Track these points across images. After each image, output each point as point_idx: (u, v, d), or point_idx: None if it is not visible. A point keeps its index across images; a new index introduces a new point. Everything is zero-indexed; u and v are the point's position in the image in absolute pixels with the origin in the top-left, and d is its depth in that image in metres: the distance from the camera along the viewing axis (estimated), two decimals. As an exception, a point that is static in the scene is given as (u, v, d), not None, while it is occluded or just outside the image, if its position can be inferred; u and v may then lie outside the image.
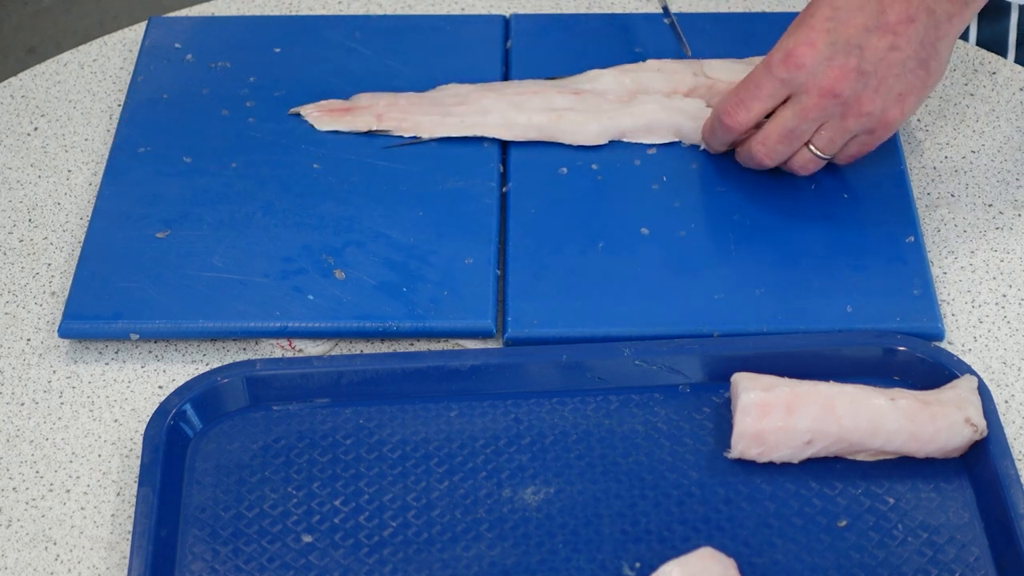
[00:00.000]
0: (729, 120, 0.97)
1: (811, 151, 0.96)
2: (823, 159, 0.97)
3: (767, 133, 0.96)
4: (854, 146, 0.96)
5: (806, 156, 0.97)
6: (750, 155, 0.98)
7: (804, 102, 0.93)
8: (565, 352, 0.91)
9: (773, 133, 0.95)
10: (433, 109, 1.06)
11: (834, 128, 0.94)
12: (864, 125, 0.94)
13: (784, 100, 0.94)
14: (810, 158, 0.97)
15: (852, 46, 0.91)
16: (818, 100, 0.93)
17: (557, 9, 1.18)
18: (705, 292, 0.95)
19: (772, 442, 0.86)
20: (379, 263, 0.97)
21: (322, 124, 1.06)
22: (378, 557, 0.84)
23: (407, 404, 0.91)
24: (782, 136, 0.95)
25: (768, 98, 0.94)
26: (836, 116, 0.94)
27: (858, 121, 0.94)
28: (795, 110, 0.94)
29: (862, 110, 0.93)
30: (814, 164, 0.97)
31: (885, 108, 0.93)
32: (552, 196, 1.02)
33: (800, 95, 0.93)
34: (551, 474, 0.87)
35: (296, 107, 1.08)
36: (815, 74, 0.92)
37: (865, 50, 0.91)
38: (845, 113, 0.93)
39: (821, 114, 0.93)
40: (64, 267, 1.01)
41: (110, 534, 0.87)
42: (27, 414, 0.93)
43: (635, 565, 0.83)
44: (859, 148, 0.97)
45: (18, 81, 1.15)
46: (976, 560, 0.83)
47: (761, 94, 0.94)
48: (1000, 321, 0.95)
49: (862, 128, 0.94)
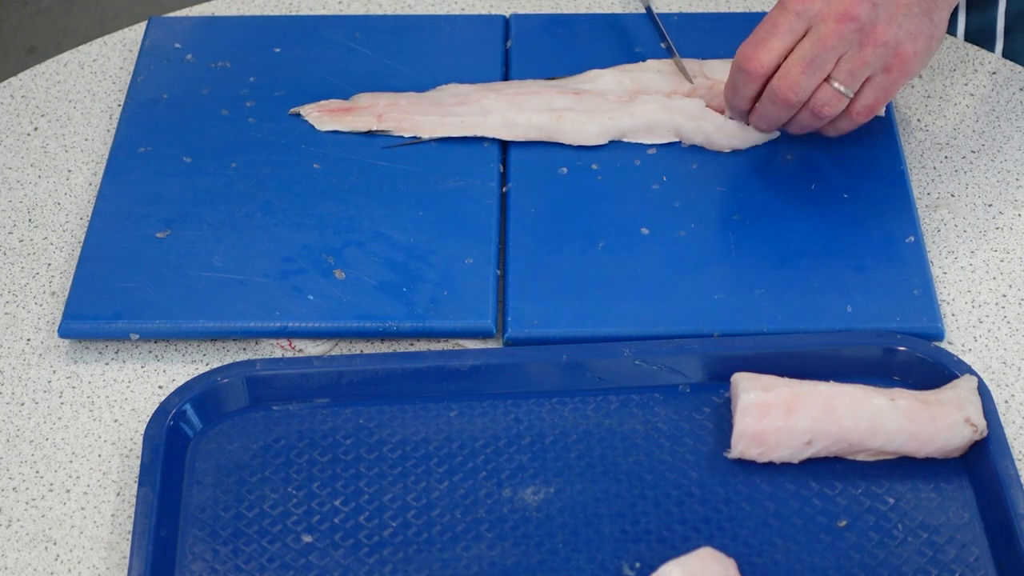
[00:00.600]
0: (751, 64, 0.96)
1: (833, 87, 0.95)
2: (845, 95, 0.95)
3: (788, 66, 0.95)
4: (871, 91, 0.96)
5: (828, 92, 0.95)
6: (773, 95, 0.96)
7: (822, 30, 0.93)
8: (565, 352, 0.91)
9: (795, 65, 0.94)
10: (433, 109, 1.06)
11: (853, 59, 0.94)
12: (881, 58, 0.94)
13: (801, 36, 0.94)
14: (832, 93, 0.95)
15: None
16: (835, 26, 0.93)
17: (557, 9, 1.18)
18: (705, 292, 0.95)
19: (772, 442, 0.86)
20: (379, 263, 0.97)
21: (322, 124, 1.06)
22: (378, 557, 0.84)
23: (407, 404, 0.91)
24: (804, 66, 0.94)
25: (786, 34, 0.94)
26: (854, 45, 0.94)
27: (875, 52, 0.94)
28: (813, 40, 0.93)
29: (878, 39, 0.93)
30: (836, 100, 0.96)
31: (899, 40, 0.93)
32: (552, 196, 1.02)
33: (817, 25, 0.93)
34: (551, 474, 0.87)
35: (296, 107, 1.08)
36: (829, 1, 0.92)
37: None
38: (863, 41, 0.93)
39: (839, 41, 0.93)
40: (64, 267, 1.01)
41: (110, 534, 0.87)
42: (27, 414, 0.93)
43: (635, 565, 0.83)
44: (876, 93, 0.96)
45: (18, 81, 1.15)
46: (976, 560, 0.83)
47: (779, 31, 0.94)
48: (1000, 321, 0.95)
49: (879, 61, 0.94)
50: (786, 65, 0.95)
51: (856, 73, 0.95)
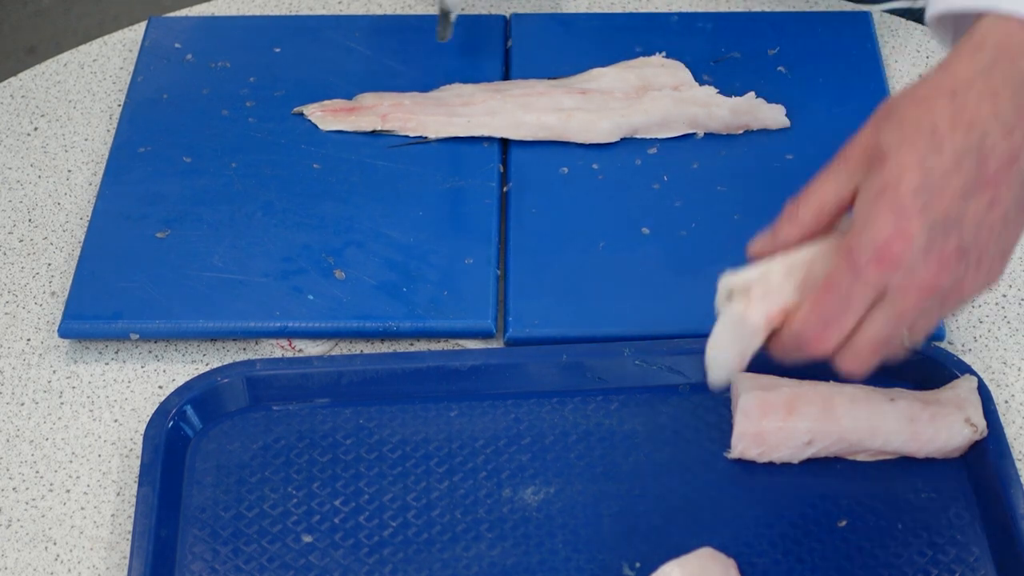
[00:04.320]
0: (820, 346, 0.76)
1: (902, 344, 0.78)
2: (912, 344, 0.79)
3: (858, 347, 0.76)
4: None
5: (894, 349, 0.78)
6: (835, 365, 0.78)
7: (899, 305, 0.74)
8: (565, 352, 0.91)
9: (865, 346, 0.76)
10: (438, 109, 1.06)
11: (929, 318, 0.76)
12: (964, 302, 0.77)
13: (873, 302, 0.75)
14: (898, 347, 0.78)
15: (951, 223, 0.73)
16: (916, 301, 0.74)
17: (557, 9, 1.18)
18: (705, 292, 0.95)
19: (772, 442, 0.86)
20: (379, 263, 0.97)
21: (326, 124, 1.06)
22: (378, 557, 0.84)
23: (407, 404, 0.91)
24: (876, 347, 0.76)
25: (861, 308, 0.75)
26: (935, 307, 0.76)
27: (957, 303, 0.77)
28: (889, 315, 0.75)
29: (963, 296, 0.76)
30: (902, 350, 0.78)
31: (987, 279, 0.76)
32: (552, 196, 1.02)
33: (894, 296, 0.74)
34: (551, 474, 0.87)
35: (299, 107, 1.08)
36: (913, 270, 0.73)
37: (964, 223, 0.73)
38: (944, 302, 0.76)
39: (919, 314, 0.75)
40: (64, 267, 1.01)
41: (110, 534, 0.87)
42: (27, 414, 0.93)
43: (635, 565, 0.83)
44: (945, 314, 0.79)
45: (18, 81, 1.15)
46: (976, 560, 0.83)
47: (852, 305, 0.75)
48: (1000, 321, 0.95)
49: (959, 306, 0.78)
50: (856, 345, 0.76)
51: (931, 327, 0.77)
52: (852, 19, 1.13)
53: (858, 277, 0.74)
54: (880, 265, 0.73)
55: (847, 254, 0.74)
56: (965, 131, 0.72)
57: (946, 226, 0.73)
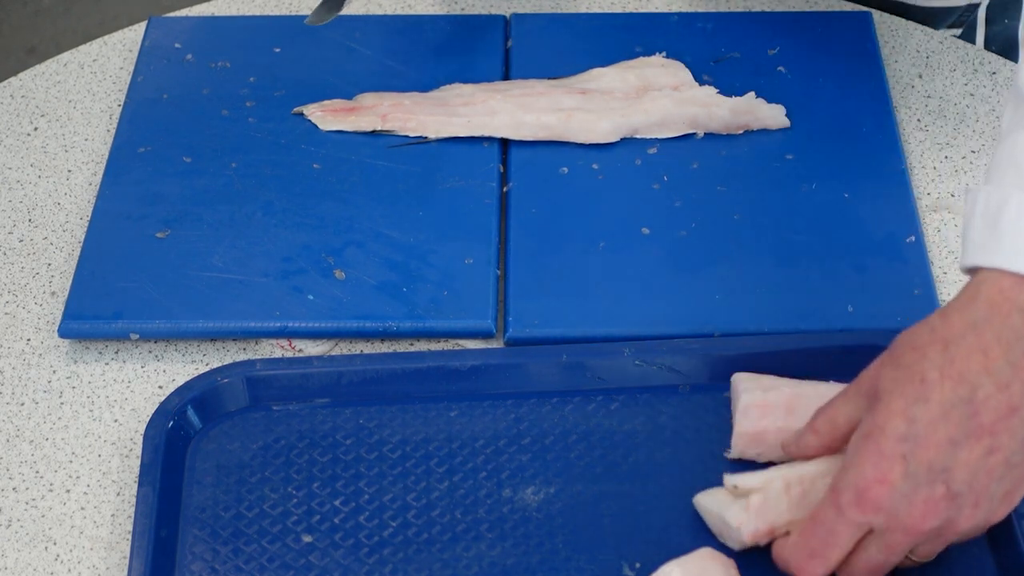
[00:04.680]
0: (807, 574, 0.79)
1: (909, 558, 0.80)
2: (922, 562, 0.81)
3: (853, 569, 0.79)
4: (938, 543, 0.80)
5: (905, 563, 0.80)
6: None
7: (889, 539, 0.76)
8: (565, 352, 0.91)
9: (860, 570, 0.79)
10: (438, 109, 1.06)
11: (931, 545, 0.78)
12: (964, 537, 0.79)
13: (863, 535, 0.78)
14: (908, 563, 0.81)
15: (936, 472, 0.74)
16: (903, 537, 0.76)
17: (557, 9, 1.18)
18: (705, 292, 0.95)
19: (772, 442, 0.86)
20: (379, 263, 0.97)
21: (326, 124, 1.06)
22: (378, 557, 0.84)
23: (407, 404, 0.91)
24: (871, 571, 0.79)
25: (848, 542, 0.77)
26: (932, 539, 0.77)
27: (958, 536, 0.78)
28: (879, 546, 0.77)
29: (960, 530, 0.77)
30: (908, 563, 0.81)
31: (988, 518, 0.77)
32: (552, 196, 1.02)
33: (885, 534, 0.76)
34: (551, 474, 0.87)
35: (299, 107, 1.08)
36: (896, 513, 0.75)
37: (954, 470, 0.74)
38: (941, 534, 0.77)
39: (911, 545, 0.77)
40: (64, 267, 1.01)
41: (110, 534, 0.87)
42: (27, 414, 0.93)
43: (635, 565, 0.83)
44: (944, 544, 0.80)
45: (18, 81, 1.15)
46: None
47: (837, 541, 0.77)
48: (1000, 321, 0.95)
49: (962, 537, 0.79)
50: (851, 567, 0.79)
51: (935, 551, 0.79)
52: (852, 19, 1.13)
53: (840, 516, 0.76)
54: (861, 508, 0.75)
55: (833, 492, 0.76)
56: (954, 384, 0.73)
57: (931, 475, 0.74)
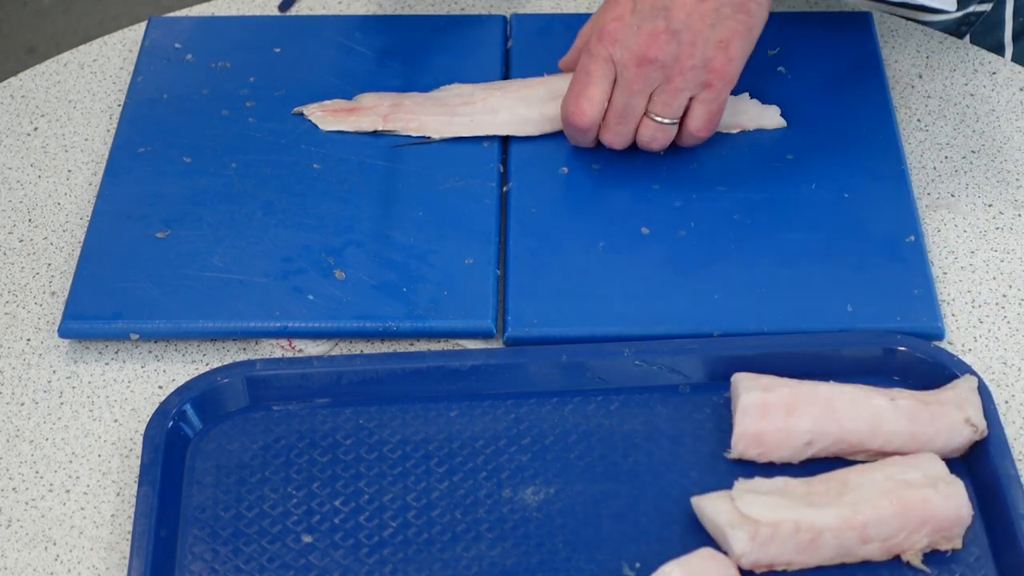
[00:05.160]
0: (576, 119, 0.98)
1: (653, 120, 0.97)
2: (667, 124, 0.98)
3: (607, 120, 0.98)
4: (700, 108, 0.97)
5: (650, 127, 0.98)
6: (606, 143, 1.00)
7: (626, 76, 0.95)
8: (565, 352, 0.91)
9: (611, 117, 0.97)
10: (439, 109, 1.05)
11: (664, 91, 0.96)
12: (692, 80, 0.95)
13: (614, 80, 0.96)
14: (655, 127, 0.98)
15: (658, 9, 0.92)
16: (636, 70, 0.94)
17: (557, 9, 1.18)
18: (705, 292, 0.95)
19: (772, 442, 0.86)
20: (379, 263, 0.97)
21: (326, 124, 1.06)
22: (378, 557, 0.84)
23: (407, 404, 0.91)
24: (619, 117, 0.97)
25: (602, 79, 0.96)
26: (661, 80, 0.95)
27: (684, 79, 0.95)
28: (621, 87, 0.95)
29: (683, 67, 0.94)
30: (662, 133, 0.98)
31: (707, 59, 0.94)
32: (552, 196, 1.02)
33: (622, 71, 0.95)
34: (551, 474, 0.87)
35: (299, 107, 1.08)
36: (628, 45, 0.93)
37: (672, 10, 0.92)
38: (669, 75, 0.95)
39: (645, 83, 0.95)
40: (64, 267, 1.01)
41: (110, 534, 0.87)
42: (27, 414, 0.93)
43: (635, 565, 0.83)
44: (707, 108, 0.97)
45: (18, 81, 1.15)
46: (976, 560, 0.83)
47: (593, 79, 0.96)
48: (1000, 321, 0.95)
49: (692, 84, 0.95)
50: (606, 119, 0.98)
51: (672, 103, 0.96)
52: (852, 19, 1.13)
53: (590, 54, 0.95)
54: (602, 41, 0.94)
55: (584, 44, 0.97)
56: None
57: (654, 11, 0.93)
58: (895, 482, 0.82)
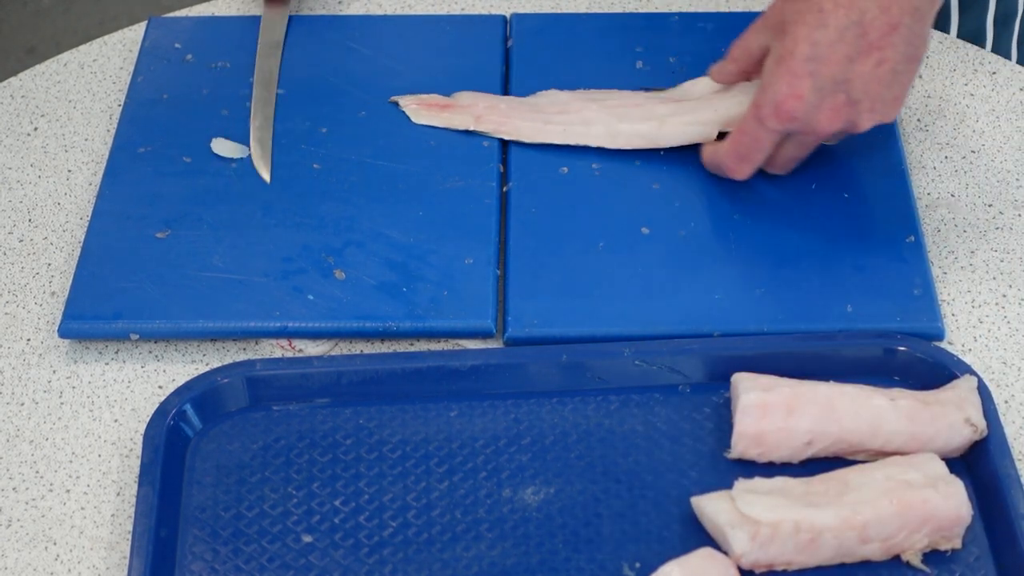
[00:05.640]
0: (737, 175, 0.98)
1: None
2: None
3: (775, 163, 0.99)
4: None
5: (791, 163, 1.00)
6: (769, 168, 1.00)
7: (803, 140, 0.96)
8: (565, 352, 0.91)
9: (781, 163, 0.99)
10: (533, 115, 1.05)
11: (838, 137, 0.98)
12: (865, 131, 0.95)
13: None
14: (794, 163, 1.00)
15: (838, 83, 0.91)
16: (816, 138, 0.96)
17: (557, 9, 1.18)
18: (705, 292, 0.95)
19: (772, 442, 0.86)
20: (379, 263, 0.97)
21: (419, 117, 1.06)
22: (378, 557, 0.84)
23: (407, 404, 0.91)
24: (790, 162, 0.99)
25: (768, 147, 0.96)
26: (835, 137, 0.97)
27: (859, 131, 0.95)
28: (796, 144, 0.97)
29: (861, 127, 0.94)
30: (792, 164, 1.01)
31: (883, 118, 0.94)
32: (552, 196, 1.02)
33: (797, 136, 0.95)
34: (551, 474, 0.87)
35: (395, 96, 1.07)
36: (808, 121, 0.92)
37: (852, 81, 0.91)
38: (844, 133, 0.96)
39: (821, 141, 0.97)
40: (64, 267, 1.01)
41: (110, 534, 0.87)
42: (27, 414, 0.93)
43: (635, 565, 0.83)
44: None
45: (18, 81, 1.15)
46: (976, 560, 0.83)
47: (760, 147, 0.96)
48: (1000, 321, 0.95)
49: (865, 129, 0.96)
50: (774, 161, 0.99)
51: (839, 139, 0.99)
52: (852, 19, 1.13)
53: (762, 126, 0.94)
54: (778, 116, 0.93)
55: (754, 108, 0.94)
56: (846, 10, 0.89)
57: (834, 86, 0.91)
58: (895, 482, 0.82)
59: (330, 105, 1.08)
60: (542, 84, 1.08)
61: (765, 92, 0.93)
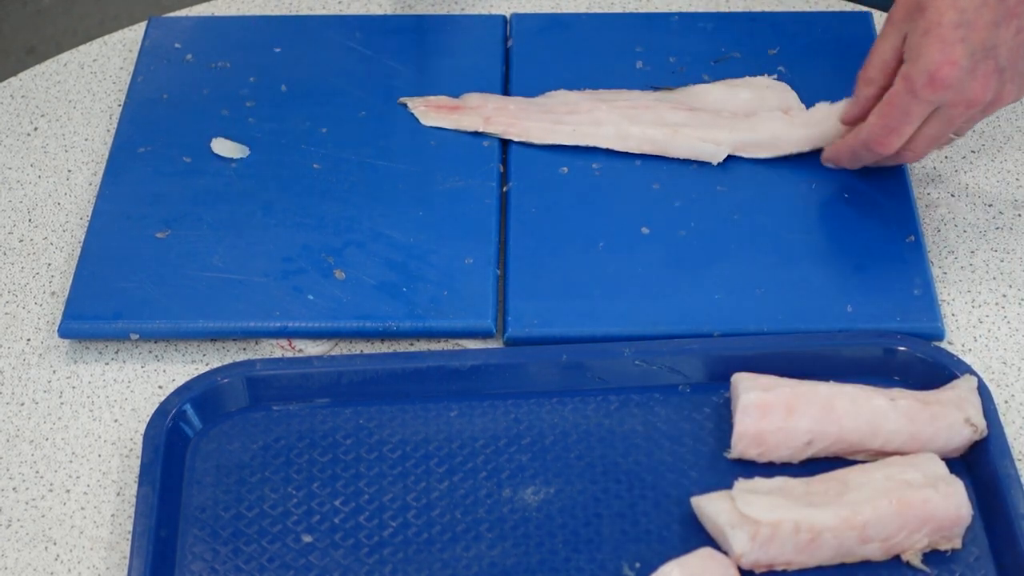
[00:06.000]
0: (883, 148, 0.96)
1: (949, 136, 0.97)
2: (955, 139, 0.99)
3: (916, 145, 0.96)
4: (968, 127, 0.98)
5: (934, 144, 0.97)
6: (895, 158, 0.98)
7: (950, 113, 0.93)
8: (565, 352, 0.91)
9: (922, 144, 0.96)
10: (543, 116, 1.05)
11: (973, 119, 0.95)
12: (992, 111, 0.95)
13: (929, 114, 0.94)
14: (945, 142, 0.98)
15: (988, 49, 0.90)
16: (964, 110, 0.92)
17: (557, 9, 1.18)
18: (705, 292, 0.95)
19: (772, 442, 0.86)
20: (379, 263, 0.97)
21: (427, 119, 1.06)
22: (378, 557, 0.84)
23: (407, 404, 0.91)
24: (930, 143, 0.96)
25: (917, 120, 0.93)
26: (979, 113, 0.94)
27: (996, 109, 0.94)
28: (942, 121, 0.94)
29: (1002, 103, 0.93)
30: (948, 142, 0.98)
31: (1020, 91, 0.93)
32: (552, 196, 1.02)
33: (947, 109, 0.92)
34: (551, 474, 0.87)
35: (404, 98, 1.07)
36: (961, 90, 0.91)
37: (999, 47, 0.90)
38: (986, 109, 0.93)
39: (966, 120, 0.94)
40: (64, 267, 1.01)
41: (110, 534, 0.87)
42: (27, 414, 0.93)
43: (635, 565, 0.83)
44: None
45: (18, 81, 1.15)
46: (976, 560, 0.83)
47: (911, 119, 0.93)
48: (1000, 321, 0.95)
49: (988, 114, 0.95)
50: (915, 143, 0.95)
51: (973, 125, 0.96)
52: (852, 19, 1.13)
53: (915, 98, 0.91)
54: (933, 86, 0.90)
55: (905, 80, 0.91)
56: None
57: (985, 51, 0.90)
58: (895, 482, 0.82)
59: (330, 105, 1.08)
60: (542, 84, 1.08)
61: (916, 62, 0.91)
